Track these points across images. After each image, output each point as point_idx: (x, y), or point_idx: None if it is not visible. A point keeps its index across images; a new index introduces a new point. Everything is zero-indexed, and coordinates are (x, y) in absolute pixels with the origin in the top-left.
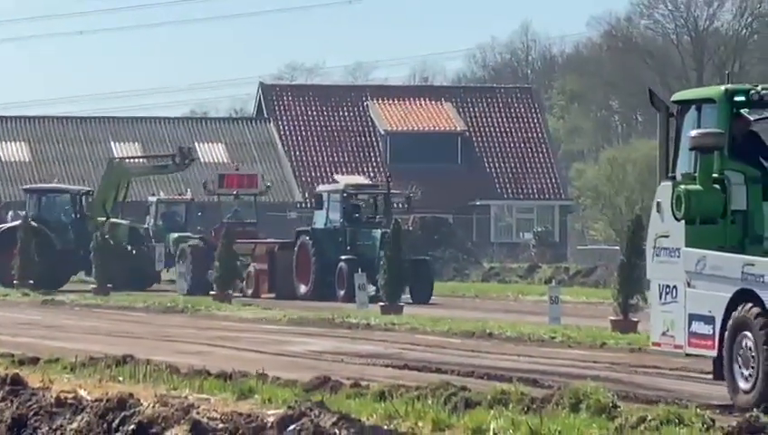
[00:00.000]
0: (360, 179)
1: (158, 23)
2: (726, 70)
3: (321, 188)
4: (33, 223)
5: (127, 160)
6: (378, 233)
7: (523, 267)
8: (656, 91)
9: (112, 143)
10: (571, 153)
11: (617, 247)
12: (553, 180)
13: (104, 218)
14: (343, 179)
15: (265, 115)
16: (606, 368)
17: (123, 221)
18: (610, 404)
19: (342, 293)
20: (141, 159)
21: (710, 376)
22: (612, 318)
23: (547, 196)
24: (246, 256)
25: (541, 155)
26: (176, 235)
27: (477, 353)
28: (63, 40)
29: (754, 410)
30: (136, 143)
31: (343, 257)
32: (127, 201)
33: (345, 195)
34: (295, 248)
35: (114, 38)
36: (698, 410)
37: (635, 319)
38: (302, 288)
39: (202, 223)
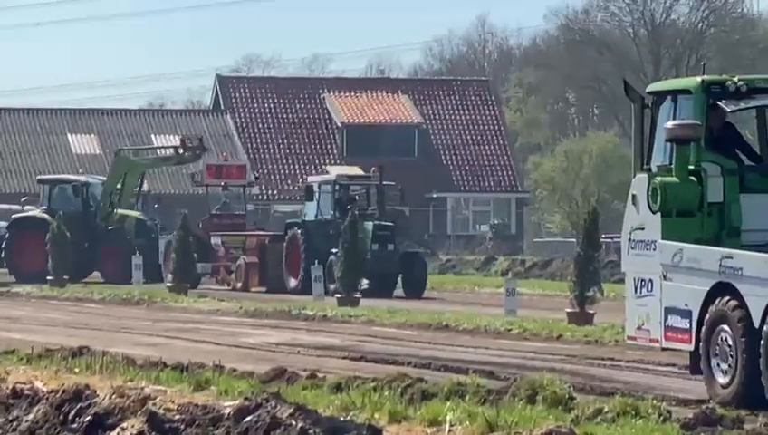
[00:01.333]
0: (353, 170)
1: (114, 14)
2: (683, 63)
3: (311, 178)
4: (45, 215)
5: (133, 152)
6: (370, 225)
7: (479, 260)
8: (641, 82)
9: (69, 135)
10: (528, 146)
11: (573, 240)
12: (510, 173)
13: (111, 210)
14: (335, 170)
15: (222, 107)
16: (562, 360)
17: (132, 213)
18: (567, 396)
19: (333, 287)
20: (148, 151)
21: (664, 367)
22: (568, 310)
23: (504, 188)
24: (237, 249)
25: (497, 148)
26: None
27: (434, 345)
28: (20, 32)
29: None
30: (93, 135)
31: (334, 251)
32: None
33: (337, 186)
34: (285, 241)
35: (71, 30)
36: (654, 401)
37: (591, 311)
38: (292, 282)
39: (159, 214)
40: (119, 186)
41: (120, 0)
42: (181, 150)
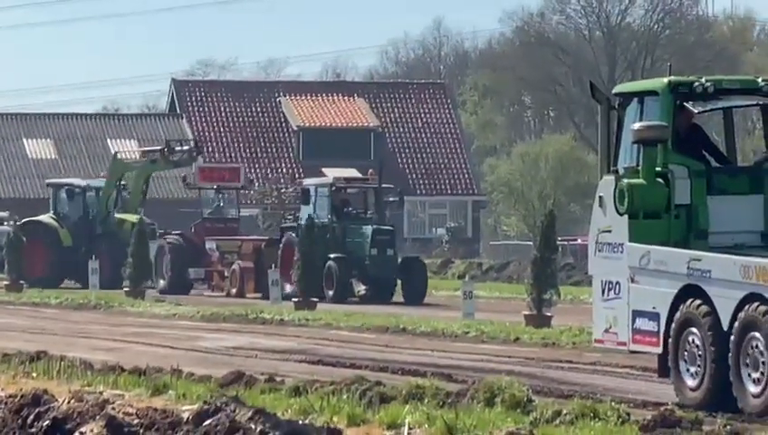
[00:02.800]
0: (350, 172)
1: (69, 19)
2: (638, 65)
3: (307, 181)
4: (52, 219)
5: (126, 155)
6: (368, 230)
7: (436, 263)
8: (597, 84)
9: (25, 140)
10: (484, 148)
11: (530, 242)
12: (466, 176)
13: (107, 214)
14: (332, 172)
15: (178, 111)
16: (520, 363)
17: (130, 217)
18: (525, 398)
19: (332, 293)
20: (139, 153)
21: (622, 369)
22: (526, 313)
23: (460, 191)
24: (232, 254)
25: (453, 151)
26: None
27: (391, 349)
28: None
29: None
30: (48, 140)
31: (332, 256)
32: (42, 198)
33: (333, 189)
34: (280, 246)
35: (25, 34)
36: (613, 403)
37: (548, 314)
38: (288, 288)
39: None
40: (128, 187)
41: (75, 4)
42: (166, 152)
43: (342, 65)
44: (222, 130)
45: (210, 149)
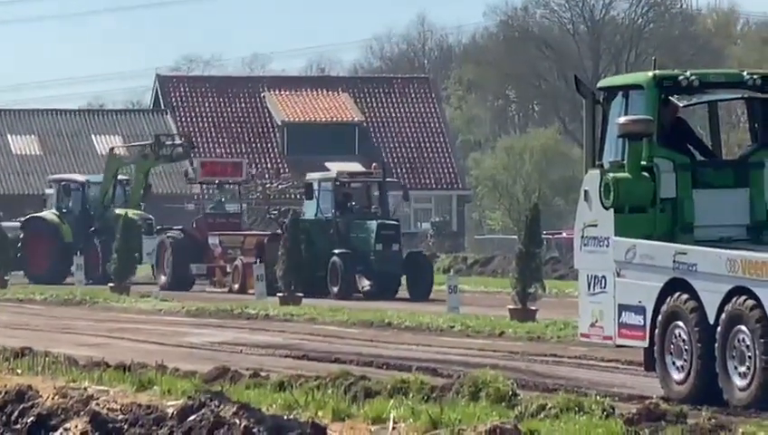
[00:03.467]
0: (354, 166)
1: (54, 15)
2: (622, 59)
3: (310, 175)
4: (55, 215)
5: (121, 150)
6: (373, 225)
7: None
8: (582, 78)
9: (9, 136)
10: (469, 143)
11: (514, 237)
12: (451, 170)
13: (112, 209)
14: (335, 166)
15: (162, 107)
16: (505, 357)
17: (123, 212)
18: (510, 392)
19: (336, 289)
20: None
21: (607, 363)
22: (511, 307)
23: (445, 186)
24: (235, 249)
25: (438, 145)
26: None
27: (376, 343)
28: None
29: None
30: (33, 136)
31: (336, 251)
32: (26, 194)
33: (337, 183)
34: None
35: (10, 31)
36: (598, 397)
37: (533, 308)
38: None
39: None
40: (131, 183)
41: (59, 1)
42: (155, 147)
43: (327, 60)
44: (206, 125)
45: (195, 143)
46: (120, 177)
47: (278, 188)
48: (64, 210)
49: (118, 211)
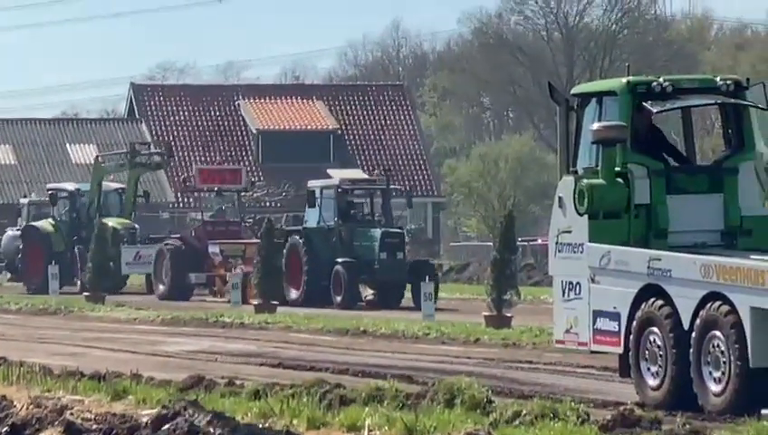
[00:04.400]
0: (357, 174)
1: (28, 24)
2: (597, 65)
3: (312, 183)
4: (50, 224)
5: (104, 159)
6: (377, 233)
7: None
8: (555, 85)
9: None
10: (444, 150)
11: (490, 243)
12: (426, 177)
13: (98, 218)
14: (338, 174)
15: (137, 116)
16: (480, 363)
17: (112, 221)
18: (485, 399)
19: (339, 299)
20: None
21: (582, 370)
22: (486, 314)
23: (420, 193)
24: (236, 258)
25: (413, 152)
26: None
27: (352, 351)
28: None
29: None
30: (7, 146)
31: (340, 260)
32: (1, 204)
33: (340, 190)
34: (284, 250)
35: None
36: (573, 403)
37: (508, 314)
38: (294, 293)
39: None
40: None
41: (33, 9)
42: (129, 156)
43: (301, 68)
44: (181, 133)
45: (173, 152)
46: (116, 185)
47: (253, 197)
48: (59, 219)
49: (105, 220)
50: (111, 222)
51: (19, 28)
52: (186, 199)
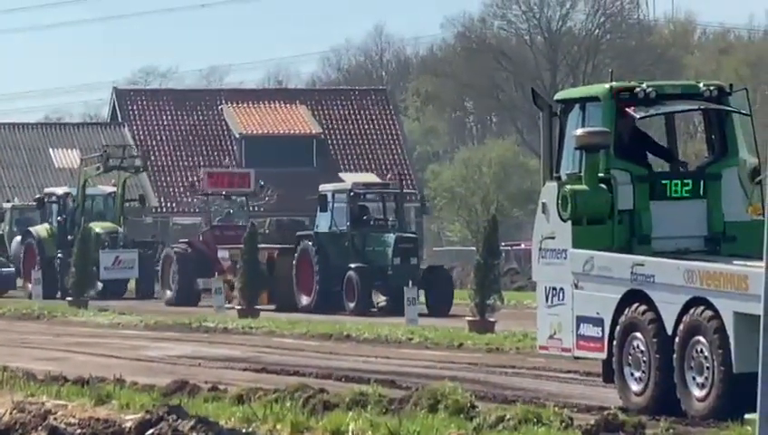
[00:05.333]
0: (370, 177)
1: (10, 28)
2: (580, 70)
3: (324, 187)
4: (45, 229)
5: (87, 163)
6: (391, 238)
7: None
8: (538, 90)
9: None
10: (427, 154)
11: (473, 248)
12: (409, 182)
13: (80, 223)
14: (350, 178)
15: (120, 120)
16: (464, 368)
17: (97, 226)
18: (468, 404)
19: (353, 305)
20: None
21: (566, 374)
22: (469, 319)
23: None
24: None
25: (396, 157)
26: None
27: (335, 356)
28: None
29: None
30: None
31: (353, 266)
32: None
33: (352, 194)
34: (295, 255)
35: None
36: (556, 408)
37: (492, 319)
38: (305, 299)
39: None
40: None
41: (15, 14)
42: (103, 158)
43: (284, 72)
44: (164, 138)
45: (152, 157)
46: (109, 189)
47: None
48: (54, 224)
49: (91, 225)
50: (97, 227)
51: (2, 32)
52: (169, 204)
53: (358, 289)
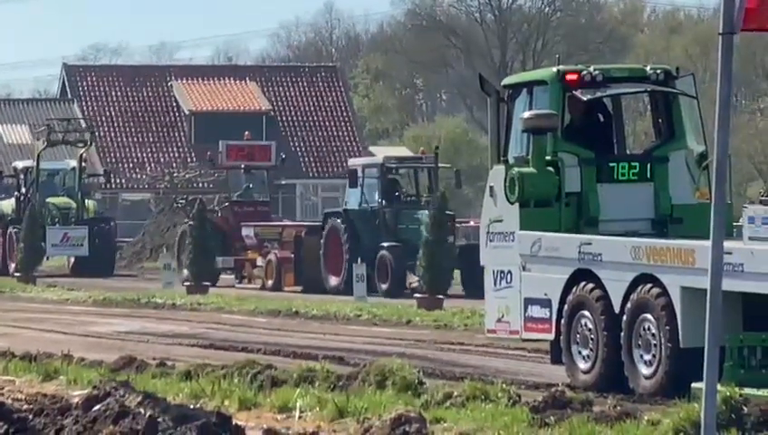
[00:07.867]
0: (402, 151)
1: None
2: (530, 48)
3: (353, 161)
4: (10, 204)
5: (36, 135)
6: (424, 215)
7: None
8: (488, 71)
9: None
10: (376, 131)
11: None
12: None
13: (36, 198)
14: (381, 151)
15: (69, 96)
16: (412, 345)
17: (54, 200)
18: (416, 381)
19: (385, 286)
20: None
21: (513, 351)
22: (418, 296)
23: None
24: (272, 242)
25: (346, 133)
26: None
27: (284, 332)
28: None
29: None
30: None
31: (385, 244)
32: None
33: (384, 169)
34: (323, 233)
35: None
36: (504, 385)
37: (440, 296)
38: (333, 280)
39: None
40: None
41: None
42: (47, 133)
43: (234, 49)
44: (114, 114)
45: (101, 133)
46: (73, 163)
47: (185, 178)
48: (18, 199)
49: (49, 200)
50: (53, 201)
51: None
52: (118, 180)
53: (391, 269)
